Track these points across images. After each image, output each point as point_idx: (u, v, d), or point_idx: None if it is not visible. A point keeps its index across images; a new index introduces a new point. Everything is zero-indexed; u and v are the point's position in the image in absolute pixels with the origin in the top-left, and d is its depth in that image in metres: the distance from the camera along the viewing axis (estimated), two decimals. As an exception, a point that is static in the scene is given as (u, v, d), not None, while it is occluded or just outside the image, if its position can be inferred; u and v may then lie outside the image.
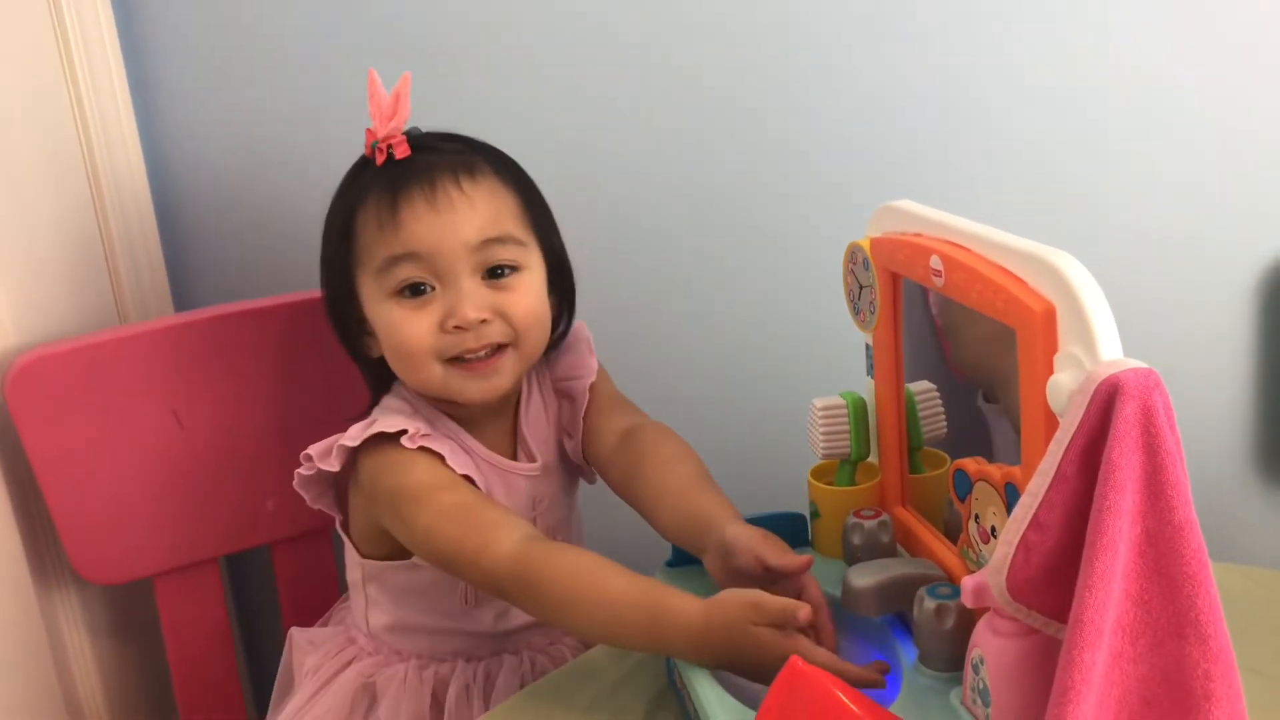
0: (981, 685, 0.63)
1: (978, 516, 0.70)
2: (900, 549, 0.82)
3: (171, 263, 1.16)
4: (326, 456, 0.87)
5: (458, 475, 0.87)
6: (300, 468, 0.89)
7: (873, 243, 0.81)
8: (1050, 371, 0.60)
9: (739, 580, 0.77)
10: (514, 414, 0.95)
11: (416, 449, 0.86)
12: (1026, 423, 0.63)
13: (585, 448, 0.97)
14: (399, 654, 0.94)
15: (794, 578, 0.77)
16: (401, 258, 0.85)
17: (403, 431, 0.86)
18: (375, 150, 0.88)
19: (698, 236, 1.14)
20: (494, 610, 0.93)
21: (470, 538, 0.82)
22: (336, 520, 0.95)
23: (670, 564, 0.86)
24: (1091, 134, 1.07)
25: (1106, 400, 0.55)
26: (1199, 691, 0.54)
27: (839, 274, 0.86)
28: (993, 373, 0.74)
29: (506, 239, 0.87)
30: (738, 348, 1.17)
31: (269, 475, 1.04)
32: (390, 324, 0.87)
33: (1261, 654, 0.76)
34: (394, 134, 0.87)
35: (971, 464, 0.70)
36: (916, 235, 0.75)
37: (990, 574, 0.60)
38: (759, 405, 1.18)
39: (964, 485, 0.71)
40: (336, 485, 0.93)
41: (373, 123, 0.88)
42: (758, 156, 1.11)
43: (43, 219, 1.04)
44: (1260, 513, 1.16)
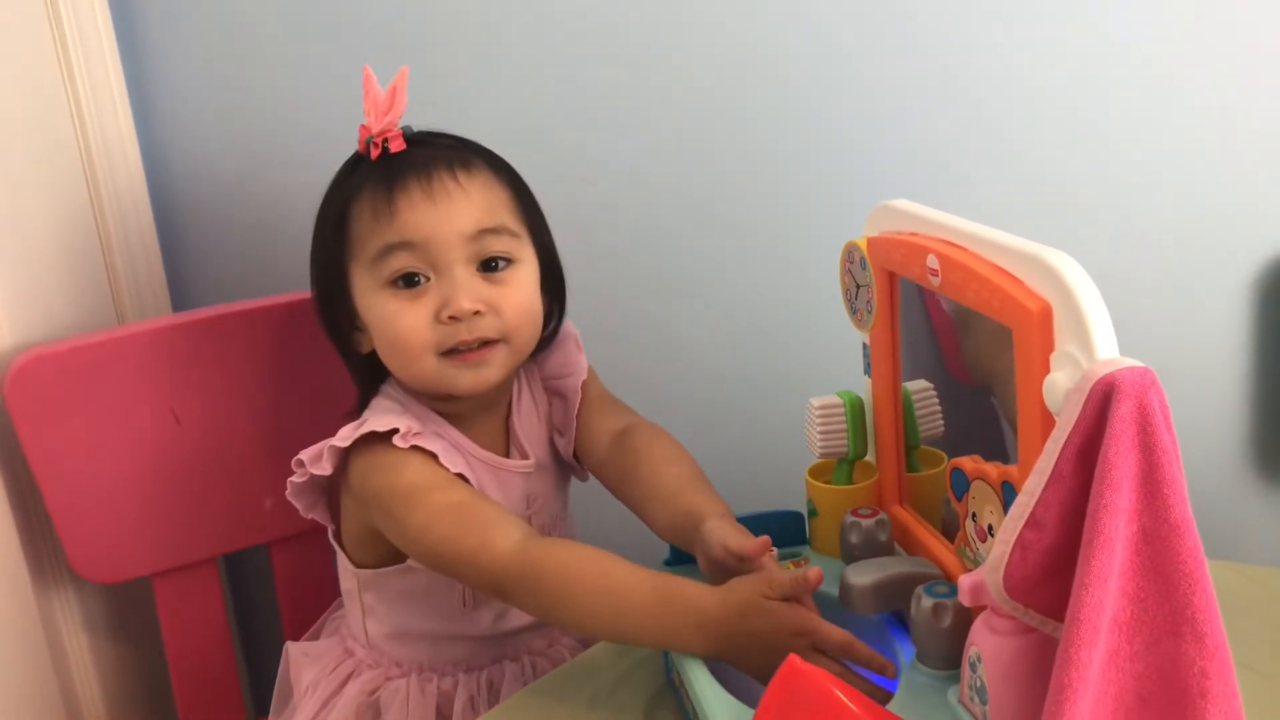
0: (979, 683, 0.63)
1: (975, 515, 0.70)
2: (898, 547, 0.83)
3: (169, 263, 1.16)
4: (318, 460, 0.87)
5: (451, 474, 0.85)
6: (294, 475, 0.89)
7: (870, 242, 0.81)
8: (1047, 370, 0.60)
9: (717, 573, 0.78)
10: (506, 412, 0.95)
11: (409, 448, 0.85)
12: (1023, 421, 0.64)
13: (578, 448, 0.96)
14: (399, 665, 0.94)
15: (755, 561, 0.76)
16: (396, 246, 0.85)
17: (394, 430, 0.85)
18: (370, 145, 0.87)
19: (695, 236, 1.14)
20: (493, 612, 0.93)
21: (466, 537, 0.81)
22: (329, 530, 0.94)
23: (668, 563, 0.87)
24: (1088, 134, 1.08)
25: (1103, 399, 0.55)
26: (1195, 689, 0.55)
27: (836, 273, 0.87)
28: (1006, 369, 0.74)
29: (501, 230, 0.87)
30: (735, 347, 1.17)
31: (267, 474, 1.04)
32: (384, 316, 0.86)
33: (1258, 651, 0.76)
34: (389, 128, 0.87)
35: (968, 463, 0.71)
36: (913, 235, 0.75)
37: (987, 572, 0.60)
38: (756, 404, 1.18)
39: (961, 484, 0.71)
40: (329, 493, 0.93)
41: (367, 118, 0.88)
42: (755, 156, 1.11)
43: (41, 219, 1.04)
44: (1256, 511, 1.16)
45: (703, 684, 0.72)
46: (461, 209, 0.85)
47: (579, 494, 1.01)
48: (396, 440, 0.84)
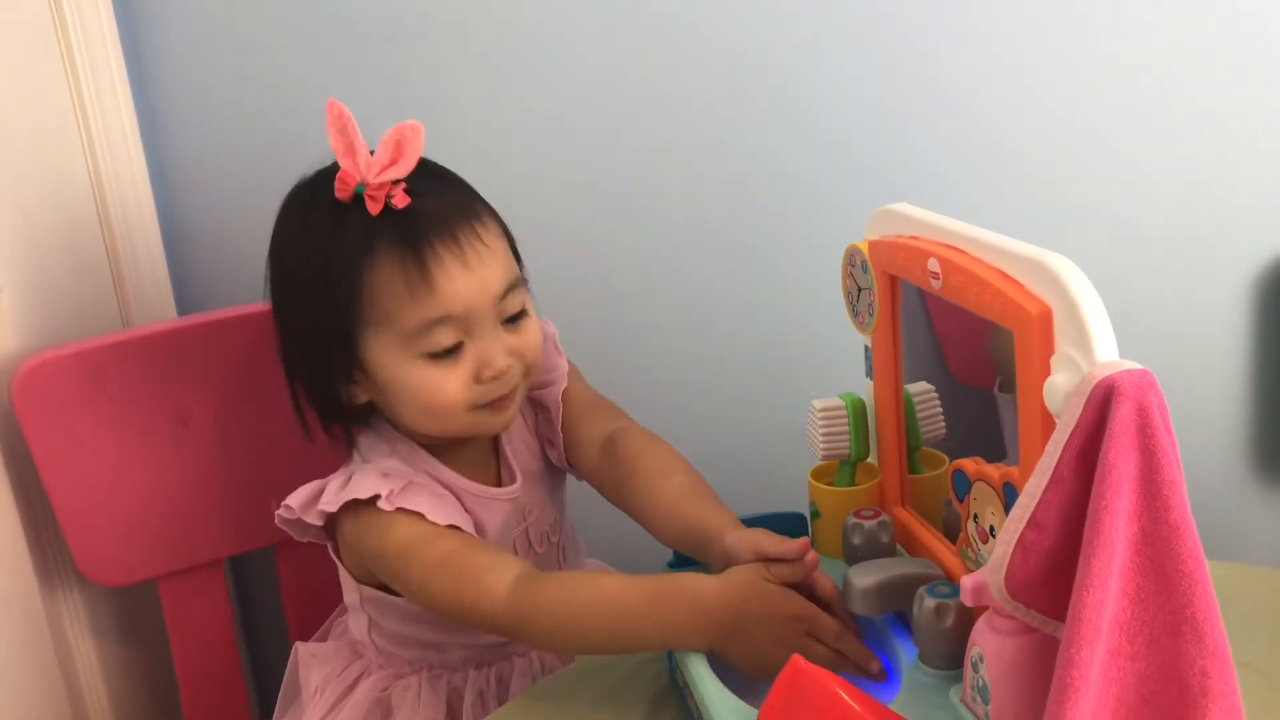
0: (981, 683, 0.63)
1: (976, 516, 0.71)
2: (900, 549, 0.83)
3: (174, 266, 1.16)
4: (308, 509, 0.86)
5: (440, 525, 0.84)
6: (281, 512, 0.87)
7: (871, 245, 0.81)
8: (1047, 373, 0.61)
9: None
10: (495, 436, 0.94)
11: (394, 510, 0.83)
12: (1024, 423, 0.64)
13: (568, 457, 0.96)
14: (410, 664, 0.94)
15: (797, 567, 0.77)
16: (438, 321, 0.82)
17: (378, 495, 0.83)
18: (367, 197, 0.81)
19: (698, 239, 1.14)
20: None
21: (464, 589, 0.81)
22: (329, 546, 0.92)
23: (672, 565, 0.87)
24: (1087, 137, 1.08)
25: (1103, 401, 0.55)
26: (1196, 688, 0.55)
27: (838, 276, 0.87)
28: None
29: (518, 282, 0.86)
30: (738, 350, 1.17)
31: (273, 477, 1.04)
32: (422, 384, 0.84)
33: (1257, 651, 0.77)
34: (386, 182, 0.81)
35: (970, 464, 0.71)
36: (914, 238, 0.76)
37: (989, 573, 0.60)
38: (759, 406, 1.18)
39: (963, 485, 0.71)
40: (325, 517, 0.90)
41: (344, 160, 0.82)
42: (758, 160, 1.11)
43: (47, 224, 1.04)
44: (1256, 511, 1.16)
45: (706, 684, 0.72)
46: (491, 271, 0.84)
47: (583, 496, 1.01)
48: (381, 504, 0.83)
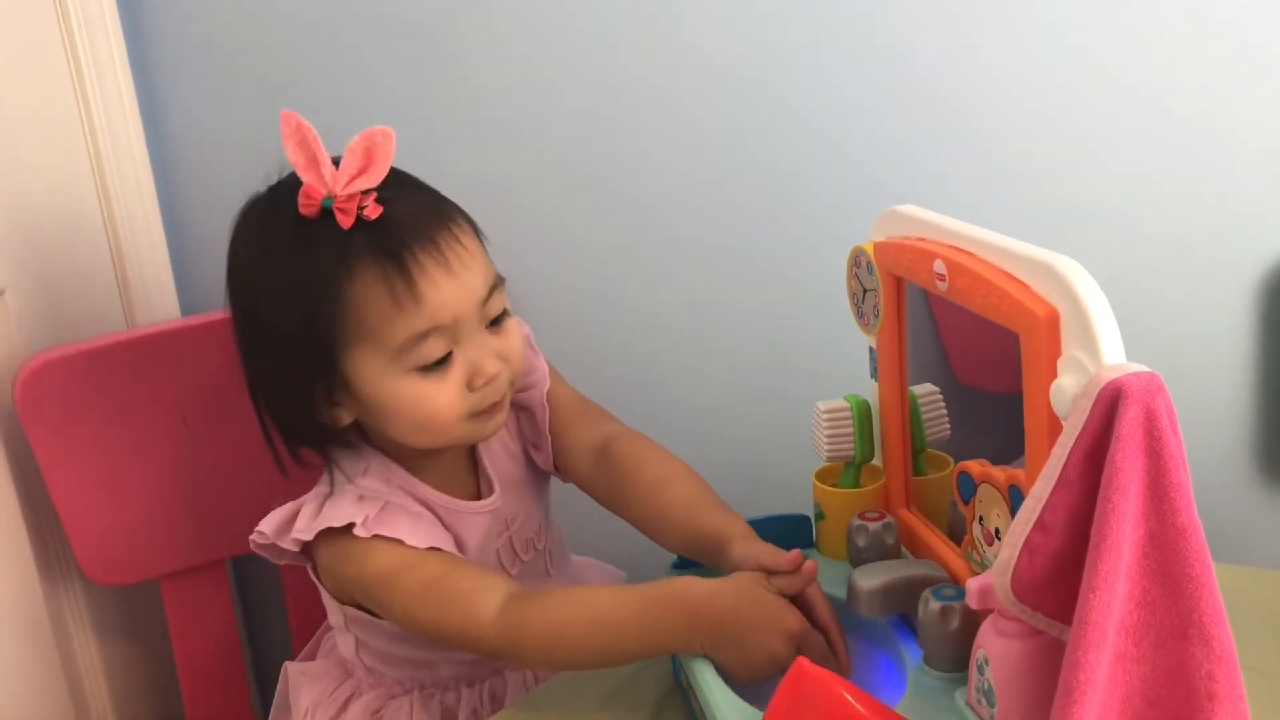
0: (986, 685, 0.63)
1: (982, 519, 0.70)
2: (905, 550, 0.83)
3: (177, 266, 1.16)
4: (282, 535, 0.84)
5: (420, 549, 0.82)
6: (255, 538, 0.86)
7: (877, 247, 0.81)
8: (1054, 375, 0.61)
9: None
10: (471, 446, 0.92)
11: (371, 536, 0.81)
12: (1030, 426, 0.64)
13: (558, 462, 0.94)
14: (400, 684, 0.92)
15: (795, 578, 0.77)
16: (428, 334, 0.80)
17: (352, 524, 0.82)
18: (337, 210, 0.78)
19: (703, 240, 1.14)
20: None
21: (449, 614, 0.80)
22: (309, 567, 0.90)
23: (677, 566, 0.87)
24: (1091, 139, 1.08)
25: (1110, 404, 0.55)
26: (1202, 692, 0.55)
27: (843, 278, 0.87)
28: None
29: (499, 282, 0.84)
30: (743, 351, 1.17)
31: (275, 477, 1.04)
32: (415, 399, 0.81)
33: (1264, 654, 0.76)
34: (356, 193, 0.78)
35: (975, 466, 0.71)
36: (920, 240, 0.75)
37: (995, 575, 0.60)
38: (764, 408, 1.18)
39: (968, 487, 0.71)
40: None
41: (308, 174, 0.79)
42: (763, 161, 1.11)
43: (51, 224, 1.04)
44: (1263, 514, 1.16)
45: (711, 686, 0.72)
46: (474, 274, 0.81)
47: (571, 493, 0.99)
48: (357, 531, 0.81)
